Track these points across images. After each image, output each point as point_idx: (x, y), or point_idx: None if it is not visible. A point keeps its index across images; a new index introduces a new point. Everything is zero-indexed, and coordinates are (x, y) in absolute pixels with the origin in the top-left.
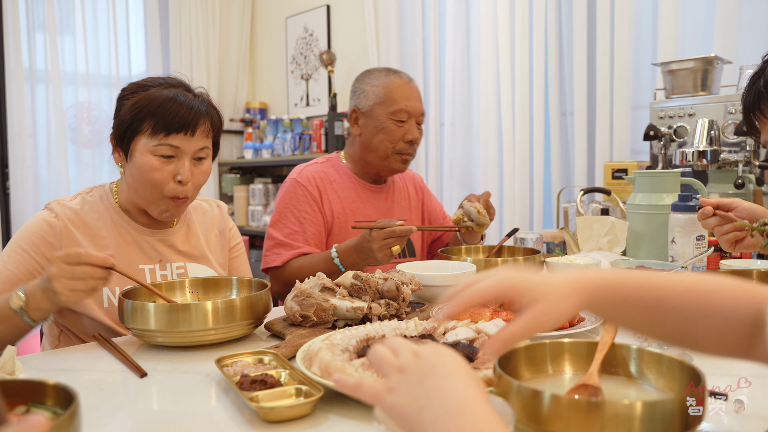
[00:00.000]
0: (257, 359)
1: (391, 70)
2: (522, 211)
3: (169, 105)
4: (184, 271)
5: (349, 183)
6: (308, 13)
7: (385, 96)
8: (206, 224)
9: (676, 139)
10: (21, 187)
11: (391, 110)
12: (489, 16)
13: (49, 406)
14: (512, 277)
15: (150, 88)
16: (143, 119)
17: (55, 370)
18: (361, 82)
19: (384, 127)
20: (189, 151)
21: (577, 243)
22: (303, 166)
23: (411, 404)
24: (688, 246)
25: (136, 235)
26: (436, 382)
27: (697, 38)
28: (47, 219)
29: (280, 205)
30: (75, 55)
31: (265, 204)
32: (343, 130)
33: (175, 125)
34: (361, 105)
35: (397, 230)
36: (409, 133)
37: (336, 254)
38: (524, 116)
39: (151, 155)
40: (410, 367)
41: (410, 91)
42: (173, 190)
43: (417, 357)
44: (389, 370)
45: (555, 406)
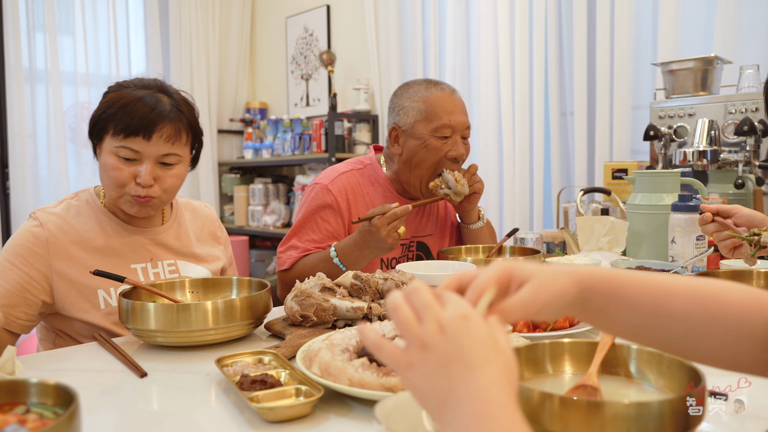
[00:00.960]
0: (257, 359)
1: (432, 81)
2: (522, 211)
3: (132, 106)
4: (176, 268)
5: (385, 197)
6: (308, 13)
7: (426, 111)
8: (197, 223)
9: (676, 139)
10: (21, 187)
11: (434, 126)
12: (489, 16)
13: (49, 406)
14: (509, 263)
15: (125, 89)
16: (107, 119)
17: (55, 370)
18: (400, 97)
19: (427, 145)
20: (150, 155)
21: (577, 243)
22: (337, 172)
23: (432, 394)
24: (688, 246)
25: (126, 235)
26: (461, 373)
27: (697, 38)
28: (31, 230)
29: (305, 211)
30: (75, 55)
31: (265, 204)
32: (343, 130)
33: (132, 128)
34: (401, 122)
35: (397, 212)
36: (453, 149)
37: (335, 253)
38: (524, 116)
39: (113, 155)
40: (434, 346)
41: (453, 104)
42: (134, 189)
43: (443, 332)
44: (410, 339)
45: (555, 406)
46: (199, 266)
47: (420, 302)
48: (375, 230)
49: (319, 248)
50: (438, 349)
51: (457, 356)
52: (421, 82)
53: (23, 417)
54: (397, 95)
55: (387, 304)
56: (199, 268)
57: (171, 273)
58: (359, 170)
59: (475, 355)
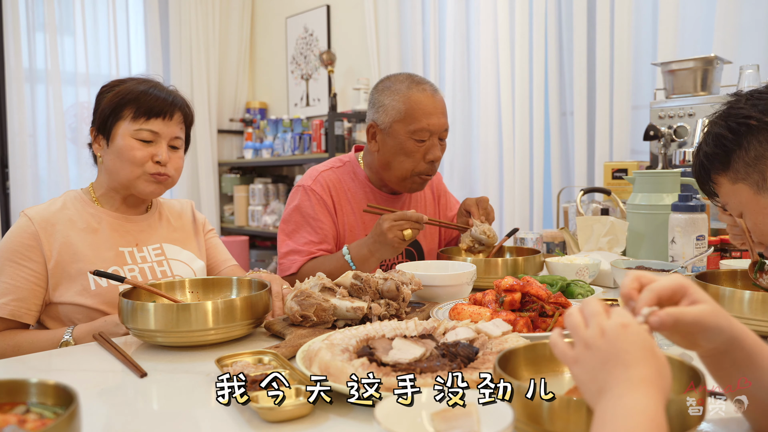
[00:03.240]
0: (257, 359)
1: (414, 79)
2: (522, 211)
3: (149, 93)
4: (161, 251)
5: (365, 192)
6: (308, 13)
7: (405, 112)
8: (178, 215)
9: (676, 139)
10: (21, 187)
11: (412, 129)
12: (489, 16)
13: (49, 406)
14: (686, 280)
15: (128, 82)
16: (124, 106)
17: (55, 370)
18: (381, 92)
19: (403, 147)
20: (166, 137)
21: (577, 243)
22: (317, 171)
23: (591, 383)
24: (688, 246)
25: (112, 221)
26: (617, 369)
27: (697, 38)
28: (22, 226)
29: (293, 214)
30: (75, 55)
31: (265, 204)
32: (343, 130)
33: (155, 110)
34: (379, 120)
35: (408, 213)
36: (430, 152)
37: (347, 251)
38: (524, 116)
39: (131, 138)
40: (595, 346)
41: (434, 105)
42: (153, 167)
43: (603, 335)
44: (577, 340)
45: (555, 406)
46: (184, 250)
47: (589, 311)
48: (380, 222)
49: (321, 250)
50: (599, 351)
51: (615, 356)
52: (403, 79)
53: (23, 417)
54: (379, 90)
55: (565, 318)
56: (184, 251)
57: (157, 256)
58: (338, 168)
59: (630, 356)
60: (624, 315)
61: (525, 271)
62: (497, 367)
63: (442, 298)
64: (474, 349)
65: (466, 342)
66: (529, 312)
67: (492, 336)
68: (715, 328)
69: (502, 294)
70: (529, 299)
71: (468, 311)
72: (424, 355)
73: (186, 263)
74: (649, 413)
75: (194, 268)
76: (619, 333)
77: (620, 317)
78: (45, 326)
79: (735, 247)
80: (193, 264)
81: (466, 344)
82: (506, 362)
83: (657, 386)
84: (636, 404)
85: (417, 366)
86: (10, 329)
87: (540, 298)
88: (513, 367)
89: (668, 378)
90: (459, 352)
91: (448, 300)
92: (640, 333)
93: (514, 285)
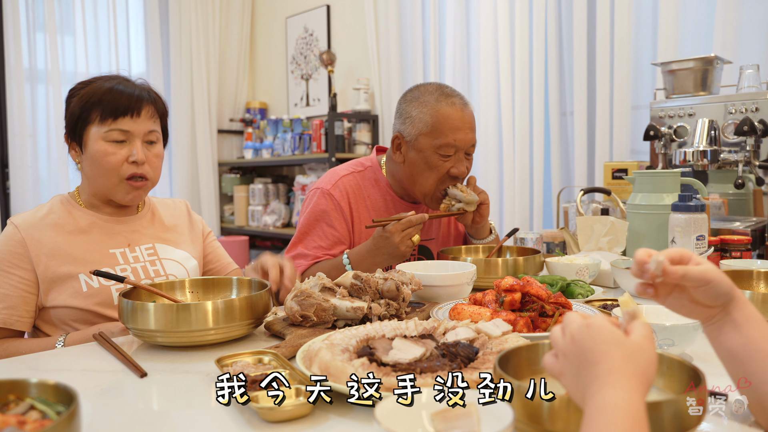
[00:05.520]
0: (257, 359)
1: (444, 92)
2: (522, 211)
3: (112, 92)
4: (153, 251)
5: (385, 200)
6: (308, 13)
7: (432, 126)
8: (171, 215)
9: (676, 139)
10: (21, 187)
11: (437, 143)
12: (489, 16)
13: (49, 405)
14: (721, 272)
15: (94, 83)
16: (91, 109)
17: (55, 370)
18: (409, 103)
19: (428, 161)
20: (138, 134)
21: (577, 243)
22: (338, 175)
23: (577, 391)
24: (688, 246)
25: (102, 224)
26: (588, 370)
27: (697, 38)
28: (8, 234)
29: (309, 217)
30: (75, 55)
31: (265, 204)
32: (343, 130)
33: (121, 108)
34: (405, 132)
35: (413, 219)
36: (455, 167)
37: (347, 260)
38: (524, 116)
39: (103, 141)
40: (569, 353)
41: (462, 120)
42: (129, 169)
43: (572, 341)
44: (556, 351)
45: (555, 406)
46: (177, 249)
47: (565, 322)
48: (389, 236)
49: (328, 255)
50: (571, 356)
51: (584, 358)
52: (433, 90)
53: (23, 418)
54: (407, 100)
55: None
56: (177, 251)
57: (150, 256)
58: (360, 173)
59: (595, 353)
60: (590, 316)
61: (525, 271)
62: (497, 367)
63: (442, 298)
64: (474, 349)
65: (466, 342)
66: (529, 312)
67: (492, 336)
68: (719, 282)
69: (502, 294)
70: (529, 299)
71: (468, 311)
72: (424, 355)
73: (179, 262)
74: (619, 404)
75: (187, 268)
76: (584, 334)
77: (585, 319)
78: (40, 330)
79: (730, 252)
80: (186, 263)
81: (466, 344)
82: (506, 362)
83: (627, 373)
84: (605, 400)
85: (417, 366)
86: (4, 338)
87: (540, 298)
88: (513, 367)
89: (642, 360)
90: (459, 352)
91: (448, 300)
92: (602, 327)
93: (514, 285)
